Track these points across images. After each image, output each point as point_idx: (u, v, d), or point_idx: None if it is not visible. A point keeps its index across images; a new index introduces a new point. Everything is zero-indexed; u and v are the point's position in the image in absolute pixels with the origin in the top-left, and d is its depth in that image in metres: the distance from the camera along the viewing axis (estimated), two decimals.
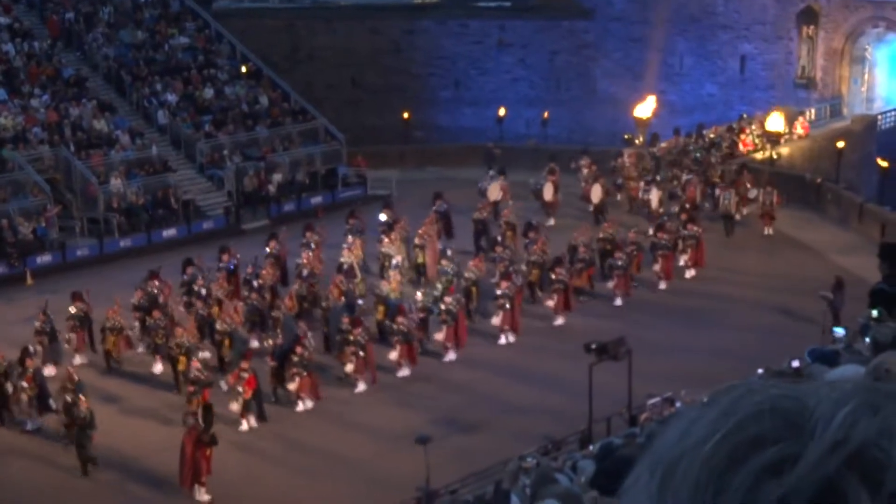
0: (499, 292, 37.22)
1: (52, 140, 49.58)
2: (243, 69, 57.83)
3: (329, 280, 38.20)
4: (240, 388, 30.71)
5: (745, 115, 55.59)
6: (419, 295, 36.71)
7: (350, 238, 41.44)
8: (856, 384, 1.38)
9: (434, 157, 57.77)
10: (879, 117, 58.17)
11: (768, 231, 45.95)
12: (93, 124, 51.43)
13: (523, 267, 39.55)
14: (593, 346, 29.39)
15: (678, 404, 26.53)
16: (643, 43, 62.07)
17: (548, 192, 48.30)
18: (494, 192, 47.52)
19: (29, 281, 42.56)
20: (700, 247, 42.51)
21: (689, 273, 41.95)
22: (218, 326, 34.77)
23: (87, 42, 56.75)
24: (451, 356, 35.54)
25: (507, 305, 36.85)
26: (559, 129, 60.26)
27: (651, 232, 42.08)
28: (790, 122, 54.77)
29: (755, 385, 1.41)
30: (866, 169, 53.67)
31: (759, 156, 53.20)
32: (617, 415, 28.64)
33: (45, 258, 44.34)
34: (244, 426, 30.85)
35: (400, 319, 34.43)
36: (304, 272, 38.41)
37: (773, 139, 53.83)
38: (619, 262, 39.85)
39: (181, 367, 32.45)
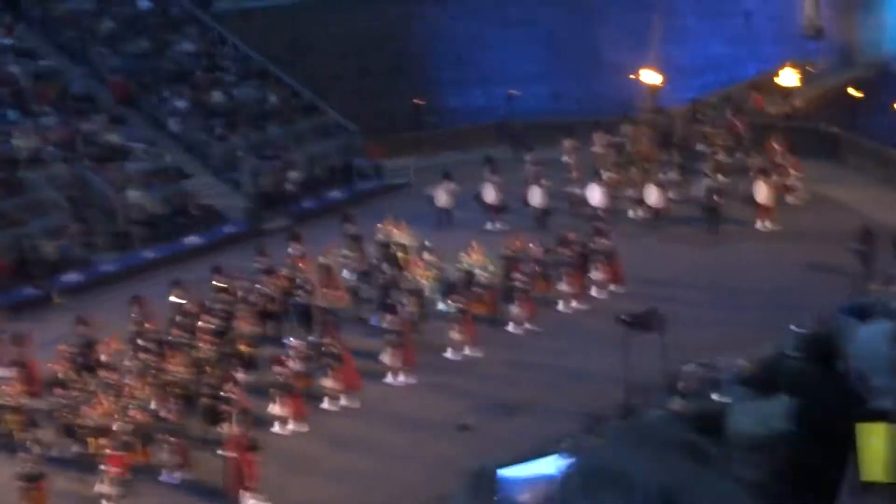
0: (384, 326, 34.09)
1: (67, 157, 49.61)
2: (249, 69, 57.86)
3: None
4: (103, 467, 28.43)
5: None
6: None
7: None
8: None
9: (449, 140, 57.63)
10: (890, 62, 57.81)
11: (764, 225, 42.31)
12: (105, 137, 51.45)
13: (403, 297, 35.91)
14: (626, 319, 29.37)
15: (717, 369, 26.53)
16: (644, 6, 61.72)
17: (489, 194, 45.38)
18: (441, 197, 45.43)
19: (57, 300, 42.62)
20: (614, 260, 38.30)
21: (609, 288, 37.94)
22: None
23: (91, 56, 56.75)
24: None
25: (397, 340, 33.73)
26: (568, 102, 60.07)
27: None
28: (802, 75, 54.34)
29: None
30: (882, 115, 53.38)
31: (773, 110, 52.95)
32: (655, 386, 28.58)
33: (70, 276, 44.34)
34: None
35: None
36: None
37: (786, 94, 53.50)
38: (519, 285, 36.21)
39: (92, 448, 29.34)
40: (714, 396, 18.20)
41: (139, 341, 33.92)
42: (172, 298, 36.60)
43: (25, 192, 47.21)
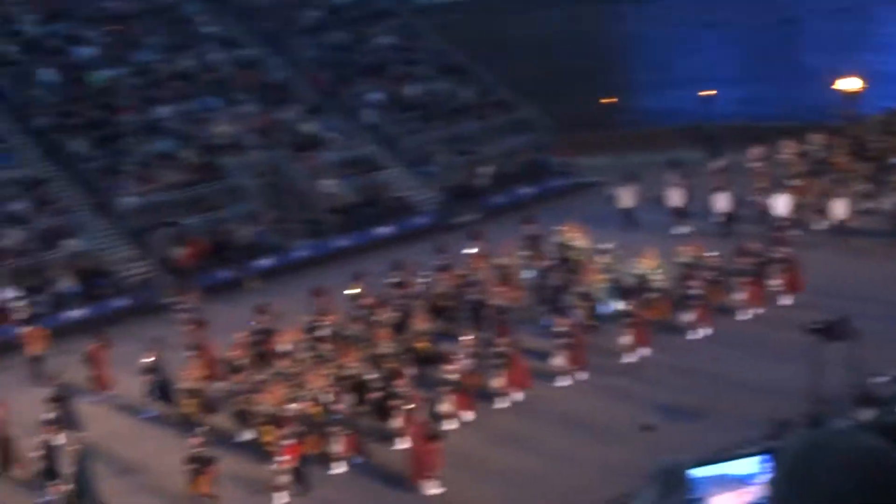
0: (555, 328, 34.03)
1: (265, 144, 50.71)
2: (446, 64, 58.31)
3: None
4: (276, 456, 28.25)
5: None
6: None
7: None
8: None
9: (641, 140, 57.42)
10: None
11: None
12: (302, 126, 52.45)
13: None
14: (817, 327, 28.85)
15: None
16: (844, 11, 60.75)
17: (675, 197, 44.99)
18: (625, 198, 45.20)
19: (252, 284, 43.55)
20: (794, 269, 37.26)
21: (786, 300, 36.91)
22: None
23: (291, 46, 57.84)
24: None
25: (567, 342, 33.50)
26: (764, 107, 59.38)
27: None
28: None
29: None
30: None
31: None
32: (839, 397, 28.08)
33: (264, 261, 45.34)
34: (283, 500, 28.03)
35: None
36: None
37: None
38: (694, 292, 35.67)
39: (267, 437, 29.62)
40: None
41: (317, 333, 34.48)
42: (350, 291, 37.22)
43: (223, 178, 48.38)
